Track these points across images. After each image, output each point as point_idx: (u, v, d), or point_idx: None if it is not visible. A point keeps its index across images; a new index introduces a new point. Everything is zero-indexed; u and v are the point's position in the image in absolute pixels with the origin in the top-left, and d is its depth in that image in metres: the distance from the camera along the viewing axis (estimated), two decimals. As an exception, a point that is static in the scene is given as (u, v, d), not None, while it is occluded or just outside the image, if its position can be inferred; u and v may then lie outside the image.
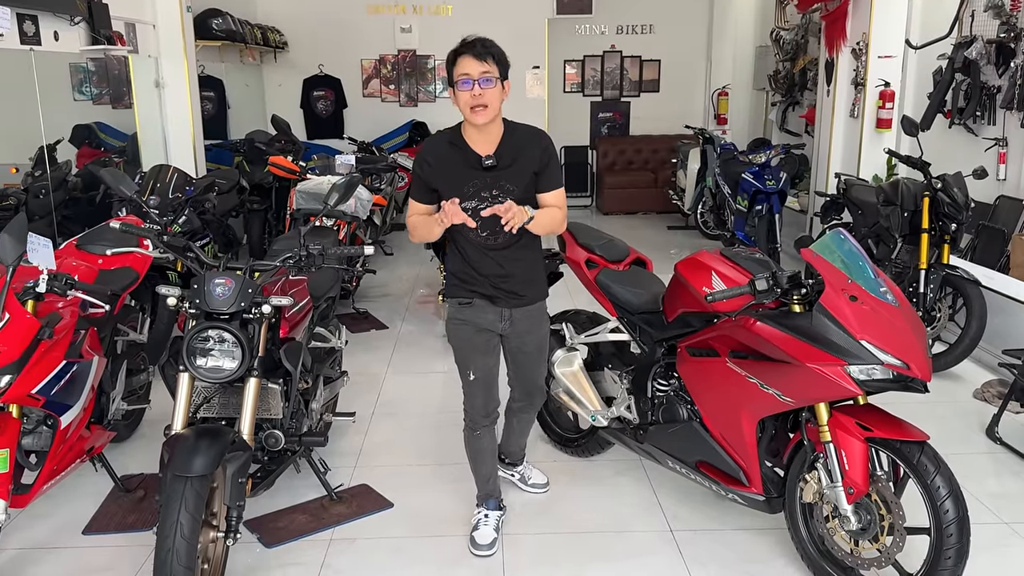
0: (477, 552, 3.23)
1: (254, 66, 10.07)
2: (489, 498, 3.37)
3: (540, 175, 2.93)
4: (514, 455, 3.69)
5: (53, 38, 4.99)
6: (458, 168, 2.92)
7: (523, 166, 2.91)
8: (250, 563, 3.20)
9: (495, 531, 3.30)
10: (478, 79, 2.78)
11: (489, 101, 2.80)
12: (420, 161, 3.01)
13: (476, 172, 2.90)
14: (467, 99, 2.80)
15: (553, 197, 2.98)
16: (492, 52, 2.82)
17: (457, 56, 2.83)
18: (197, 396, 3.11)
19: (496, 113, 2.86)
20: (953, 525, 2.59)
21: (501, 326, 3.10)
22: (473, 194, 2.90)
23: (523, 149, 2.92)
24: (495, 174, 2.90)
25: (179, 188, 5.31)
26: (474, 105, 2.80)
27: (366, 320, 6.33)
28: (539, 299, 3.15)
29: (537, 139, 2.97)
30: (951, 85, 5.98)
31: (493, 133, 2.92)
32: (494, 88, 2.81)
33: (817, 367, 2.65)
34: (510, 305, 3.06)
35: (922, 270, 5.01)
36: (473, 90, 2.78)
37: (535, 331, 3.18)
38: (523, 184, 2.91)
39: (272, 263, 3.09)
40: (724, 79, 10.97)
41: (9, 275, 2.80)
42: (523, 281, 3.05)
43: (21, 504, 2.99)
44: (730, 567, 3.16)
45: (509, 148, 2.92)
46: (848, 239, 2.85)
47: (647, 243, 2.68)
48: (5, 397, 2.78)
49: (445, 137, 3.01)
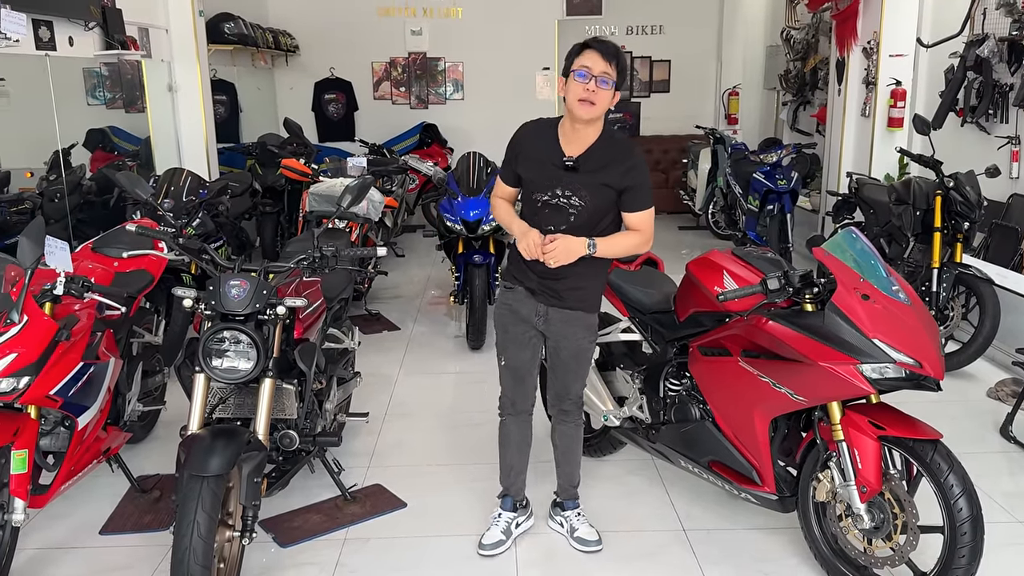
0: (480, 551, 3.24)
1: (266, 70, 10.12)
2: (506, 496, 3.35)
3: (624, 194, 2.89)
4: (563, 490, 3.38)
5: (68, 43, 5.04)
6: (541, 159, 2.94)
7: (603, 179, 2.88)
8: (265, 562, 3.22)
9: (503, 533, 3.27)
10: (597, 76, 2.78)
11: (599, 101, 2.80)
12: (512, 143, 3.05)
13: (556, 169, 2.91)
14: (579, 91, 2.80)
15: (637, 218, 2.94)
16: (619, 59, 2.82)
17: (584, 48, 2.83)
18: (213, 397, 3.13)
19: (599, 115, 2.86)
20: (967, 524, 2.59)
21: (536, 321, 3.07)
22: (546, 188, 2.92)
23: (610, 162, 2.89)
24: (572, 176, 2.89)
25: (193, 191, 5.36)
26: (584, 99, 2.79)
27: (378, 321, 6.35)
28: (580, 308, 3.04)
29: (627, 156, 2.91)
30: (963, 83, 5.95)
31: (587, 136, 2.90)
32: (608, 91, 2.81)
33: (830, 366, 2.65)
34: (547, 303, 3.03)
35: (935, 269, 4.99)
36: (589, 84, 2.78)
37: (571, 338, 3.08)
38: (597, 194, 2.88)
39: (286, 265, 3.11)
40: (735, 79, 10.95)
41: (27, 278, 2.83)
42: (568, 287, 2.99)
43: (39, 504, 3.02)
44: (743, 566, 3.16)
45: (597, 156, 2.90)
46: (860, 238, 2.85)
47: (658, 243, 2.69)
48: (24, 398, 2.81)
49: (541, 126, 3.02)
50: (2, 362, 2.71)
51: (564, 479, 3.36)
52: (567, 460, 3.33)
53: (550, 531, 3.41)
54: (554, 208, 2.92)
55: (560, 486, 3.39)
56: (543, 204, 2.93)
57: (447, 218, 5.65)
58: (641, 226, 2.95)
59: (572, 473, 3.35)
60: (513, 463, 3.31)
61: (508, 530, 3.29)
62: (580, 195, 2.88)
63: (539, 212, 2.95)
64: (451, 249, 5.88)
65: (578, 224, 2.90)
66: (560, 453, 3.33)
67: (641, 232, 2.96)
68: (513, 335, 3.12)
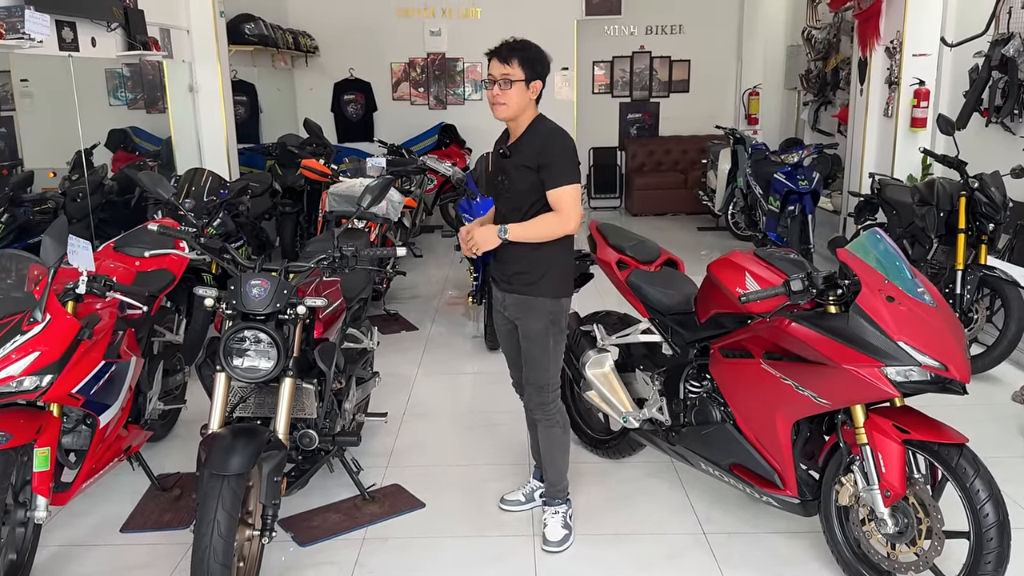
0: (500, 504, 3.60)
1: (286, 70, 10.17)
2: (537, 468, 3.60)
3: (540, 172, 3.03)
4: (545, 483, 3.43)
5: (91, 44, 5.08)
6: (495, 153, 3.25)
7: (522, 161, 3.07)
8: (284, 561, 3.23)
9: (524, 496, 3.58)
10: (498, 79, 3.01)
11: (506, 100, 3.02)
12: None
13: (499, 159, 3.20)
14: (490, 97, 3.07)
15: (553, 196, 3.02)
16: (518, 55, 3.01)
17: (489, 59, 3.09)
18: (233, 396, 3.14)
19: (516, 111, 3.05)
20: (993, 529, 2.55)
21: (502, 310, 3.30)
22: (494, 176, 3.25)
23: (529, 146, 3.07)
24: (505, 163, 3.14)
25: (214, 191, 5.38)
26: (492, 103, 3.06)
27: (396, 321, 6.36)
28: (528, 292, 3.14)
29: (545, 137, 3.07)
30: (988, 83, 5.88)
31: (519, 128, 3.12)
32: (511, 89, 3.00)
33: (853, 369, 2.62)
34: (503, 289, 3.24)
35: (959, 271, 4.93)
36: (492, 89, 3.04)
37: (524, 322, 3.19)
38: (519, 176, 3.08)
39: (306, 264, 3.12)
40: (755, 79, 10.89)
41: (50, 277, 2.85)
42: (511, 272, 3.16)
43: (61, 502, 3.05)
44: (764, 570, 3.14)
45: (523, 144, 3.10)
46: (884, 239, 2.82)
47: (677, 244, 2.66)
48: (46, 396, 2.83)
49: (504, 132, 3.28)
50: (25, 360, 2.73)
51: (544, 466, 3.43)
52: (545, 459, 3.38)
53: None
54: (499, 193, 3.21)
55: (545, 476, 3.45)
56: (494, 189, 3.24)
57: (466, 218, 5.65)
58: (558, 204, 3.02)
59: (550, 473, 3.38)
60: (535, 450, 3.50)
61: (531, 495, 3.57)
62: (510, 178, 3.12)
63: (496, 198, 3.26)
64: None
65: (512, 206, 3.14)
66: (540, 452, 3.41)
67: (559, 212, 3.03)
68: (498, 325, 3.42)
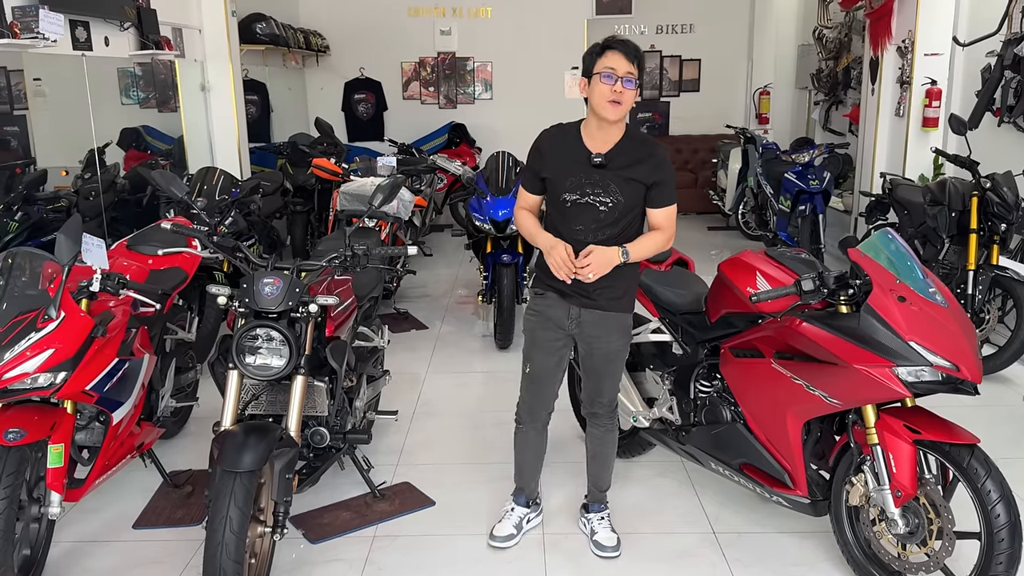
0: (491, 542, 3.30)
1: (296, 70, 10.19)
2: (520, 493, 3.40)
3: (651, 189, 2.90)
4: (590, 492, 3.39)
5: (104, 43, 5.11)
6: (568, 159, 2.94)
7: (632, 174, 2.89)
8: (295, 558, 3.25)
9: (515, 528, 3.33)
10: (623, 76, 2.80)
11: (625, 100, 2.83)
12: (534, 149, 3.04)
13: (584, 167, 2.91)
14: (607, 92, 2.81)
15: (662, 214, 2.94)
16: (640, 59, 2.86)
17: (605, 49, 2.84)
18: (245, 393, 3.16)
19: (625, 114, 2.88)
20: (1005, 530, 2.54)
21: (568, 324, 3.03)
22: (575, 187, 2.91)
23: (638, 158, 2.90)
24: (603, 174, 2.89)
25: (226, 190, 5.41)
26: (612, 100, 2.81)
27: (406, 320, 6.37)
28: (613, 308, 3.01)
29: (654, 152, 2.93)
30: (1000, 83, 5.85)
31: (612, 134, 2.92)
32: (633, 91, 2.84)
33: (865, 368, 2.62)
34: (579, 304, 2.99)
35: (970, 271, 4.91)
36: (616, 85, 2.80)
37: (604, 340, 3.04)
38: (628, 191, 2.89)
39: (318, 263, 3.13)
40: (766, 78, 10.85)
41: (64, 274, 2.88)
42: (599, 286, 2.93)
43: (74, 498, 3.07)
44: (774, 570, 3.13)
45: (624, 152, 2.91)
46: (896, 239, 2.82)
47: (687, 244, 2.66)
48: (60, 393, 2.86)
49: (563, 129, 3.03)
50: (40, 357, 2.75)
51: (592, 482, 3.37)
52: (596, 463, 3.32)
53: (579, 531, 3.40)
54: (583, 207, 2.91)
55: (588, 488, 3.40)
56: (572, 204, 2.92)
57: (476, 217, 5.66)
58: (665, 223, 2.95)
59: (599, 476, 3.34)
60: (528, 467, 3.36)
61: (520, 525, 3.36)
62: (610, 191, 2.89)
63: (567, 212, 2.93)
64: (479, 248, 5.89)
65: (608, 222, 2.90)
66: (590, 456, 3.32)
67: (664, 230, 2.96)
68: (541, 341, 3.10)
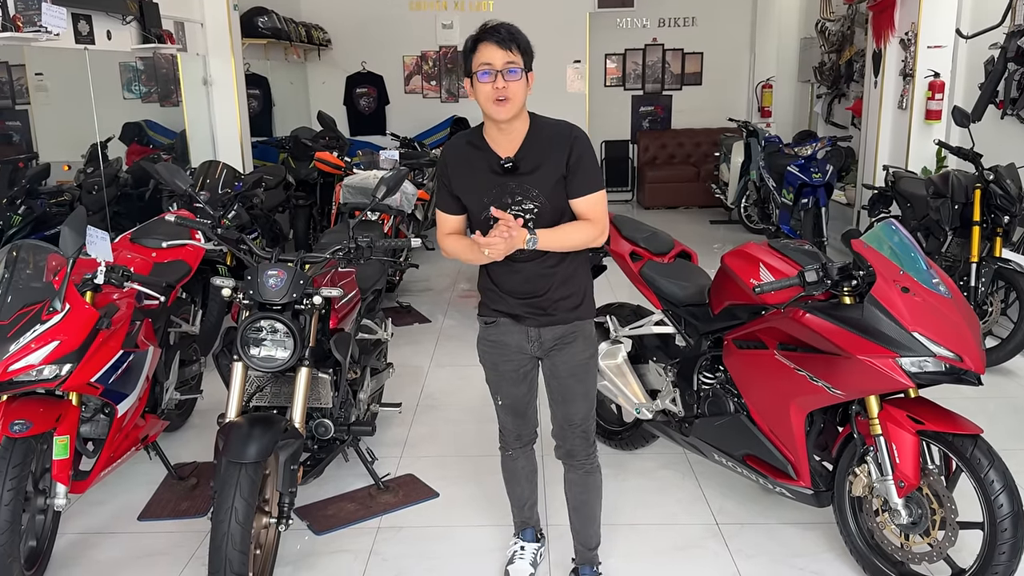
0: None
1: (298, 64, 10.19)
2: (526, 527, 3.11)
3: (568, 178, 2.52)
4: (578, 553, 2.96)
5: (106, 37, 5.11)
6: (477, 172, 2.56)
7: (549, 169, 2.51)
8: (300, 549, 3.26)
9: (531, 565, 3.03)
10: (501, 69, 2.41)
11: (513, 94, 2.43)
12: (440, 165, 2.69)
13: (497, 176, 2.53)
14: (488, 92, 2.42)
15: (585, 204, 2.54)
16: (517, 40, 2.46)
17: (477, 43, 2.46)
18: (250, 385, 3.17)
19: (519, 108, 2.48)
20: (1008, 520, 2.55)
21: (530, 348, 2.71)
22: (494, 201, 2.53)
23: (550, 149, 2.52)
24: (517, 178, 2.52)
25: (228, 184, 5.41)
26: (497, 98, 2.43)
27: (409, 314, 6.38)
28: (573, 319, 2.67)
29: (566, 136, 2.53)
30: (1003, 75, 5.83)
31: (516, 131, 2.53)
32: (519, 80, 2.44)
33: (868, 359, 2.62)
34: (537, 324, 2.66)
35: (973, 263, 4.91)
36: (496, 82, 2.41)
37: (568, 355, 2.69)
38: (550, 189, 2.52)
39: (322, 255, 3.13)
40: (768, 71, 10.84)
41: (69, 267, 2.89)
42: (553, 299, 2.63)
43: (80, 490, 3.09)
44: (777, 561, 3.14)
45: (534, 148, 2.53)
46: (899, 230, 2.82)
47: (689, 237, 2.66)
48: (66, 385, 2.87)
49: (464, 138, 2.64)
50: (45, 349, 2.76)
51: (578, 539, 2.95)
52: (579, 517, 2.89)
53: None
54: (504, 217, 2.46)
55: (575, 548, 2.98)
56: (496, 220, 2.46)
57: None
58: (591, 213, 2.55)
59: (585, 533, 2.92)
60: (526, 496, 3.07)
61: (535, 561, 3.07)
62: (530, 196, 2.52)
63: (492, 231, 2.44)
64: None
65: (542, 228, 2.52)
66: (571, 509, 2.90)
67: (594, 221, 2.56)
68: (505, 372, 2.77)
